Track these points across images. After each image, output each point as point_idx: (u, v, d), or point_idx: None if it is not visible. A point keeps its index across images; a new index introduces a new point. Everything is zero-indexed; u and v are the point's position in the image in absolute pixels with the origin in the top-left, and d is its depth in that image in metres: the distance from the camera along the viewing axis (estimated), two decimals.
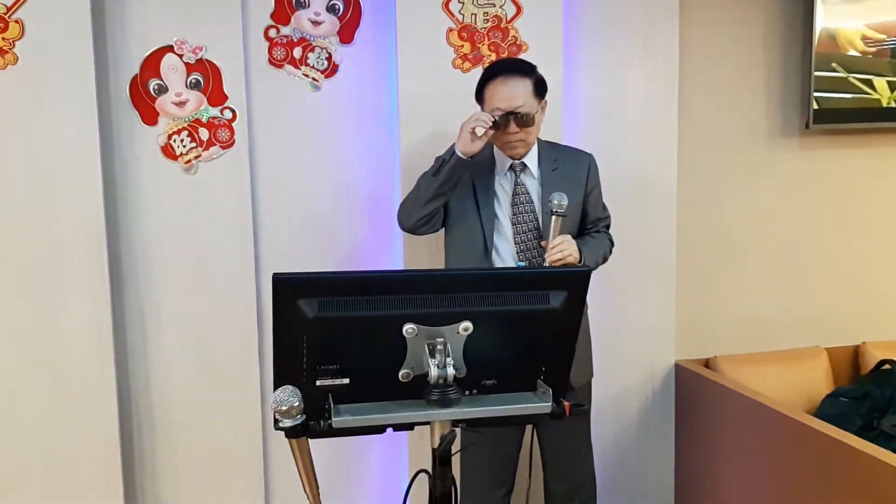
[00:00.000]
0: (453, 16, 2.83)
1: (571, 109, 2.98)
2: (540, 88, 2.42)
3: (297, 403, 1.41)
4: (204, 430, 2.82)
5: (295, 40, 2.80)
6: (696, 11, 3.20)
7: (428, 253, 2.84)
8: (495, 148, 2.50)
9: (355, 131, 2.89)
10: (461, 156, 2.33)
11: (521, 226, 2.46)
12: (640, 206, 3.10)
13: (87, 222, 2.60)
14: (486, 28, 2.86)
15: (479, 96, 2.45)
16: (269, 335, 1.50)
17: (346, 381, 1.50)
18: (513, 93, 2.34)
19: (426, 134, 2.84)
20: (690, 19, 3.17)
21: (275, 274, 1.43)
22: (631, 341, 3.17)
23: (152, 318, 2.77)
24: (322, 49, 2.82)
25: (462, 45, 2.85)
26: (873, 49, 3.31)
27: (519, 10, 2.88)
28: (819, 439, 2.46)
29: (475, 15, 2.85)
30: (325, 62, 2.83)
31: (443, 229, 2.56)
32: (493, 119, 2.32)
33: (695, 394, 3.18)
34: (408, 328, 1.47)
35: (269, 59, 2.79)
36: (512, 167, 2.48)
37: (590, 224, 2.59)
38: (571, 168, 2.54)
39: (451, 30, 2.84)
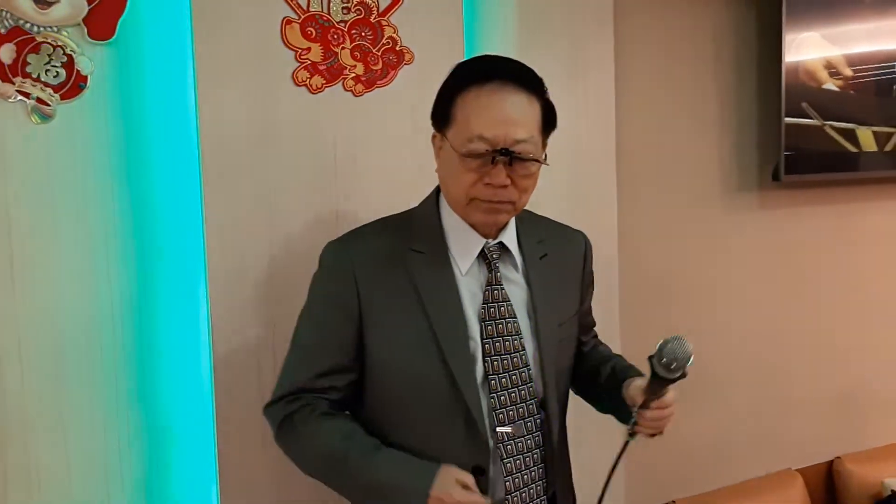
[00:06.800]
0: None
1: None
2: (550, 120, 1.37)
3: None
4: None
5: (3, 32, 1.54)
6: (630, 30, 2.27)
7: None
8: (447, 213, 1.41)
9: (120, 196, 1.65)
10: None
11: (500, 359, 1.36)
12: None
13: None
14: (346, 22, 1.75)
15: (444, 111, 1.35)
16: None
17: None
18: (513, 114, 1.30)
19: (253, 203, 1.67)
20: (625, 35, 2.23)
21: None
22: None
23: None
24: (56, 49, 1.58)
25: (308, 48, 1.71)
26: (852, 85, 2.51)
27: None
28: None
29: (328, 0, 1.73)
30: (62, 72, 1.58)
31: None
32: None
33: None
34: None
35: None
36: (484, 253, 1.39)
37: (584, 336, 1.59)
38: (561, 253, 1.50)
39: (289, 21, 1.69)
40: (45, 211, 1.57)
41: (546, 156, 1.37)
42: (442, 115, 1.35)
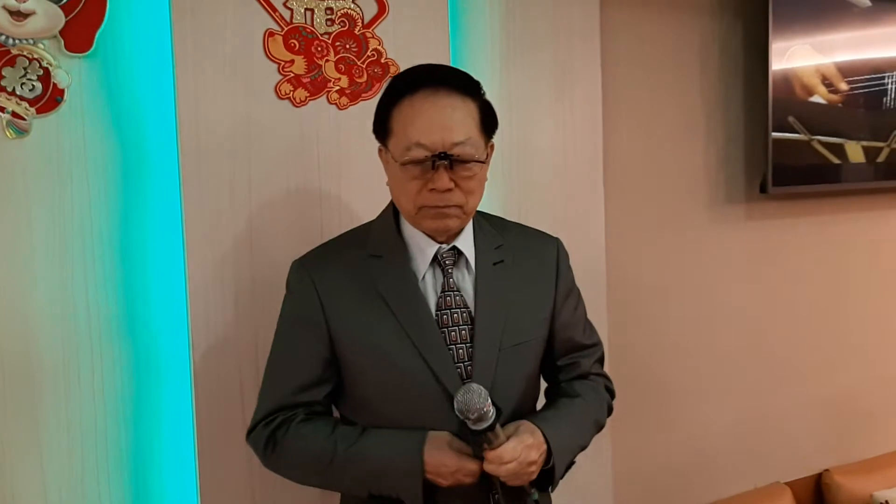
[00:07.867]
0: (275, 10, 1.67)
1: None
2: (489, 120, 1.37)
3: None
4: None
5: None
6: (616, 43, 2.25)
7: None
8: (405, 222, 1.42)
9: (98, 211, 1.60)
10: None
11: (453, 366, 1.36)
12: None
13: None
14: (330, 34, 1.72)
15: (383, 124, 1.36)
16: None
17: None
18: (447, 119, 1.30)
19: (234, 219, 1.63)
20: (611, 48, 2.22)
21: None
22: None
23: None
24: (32, 62, 1.54)
25: (292, 61, 1.68)
26: (840, 97, 2.50)
27: (383, 8, 1.77)
28: None
29: (312, 11, 1.70)
30: (38, 85, 1.55)
31: None
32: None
33: None
34: None
35: None
36: (437, 258, 1.39)
37: (564, 356, 1.51)
38: (527, 259, 1.47)
39: (272, 33, 1.66)
40: (22, 226, 1.53)
41: (489, 155, 1.38)
42: (381, 128, 1.37)
